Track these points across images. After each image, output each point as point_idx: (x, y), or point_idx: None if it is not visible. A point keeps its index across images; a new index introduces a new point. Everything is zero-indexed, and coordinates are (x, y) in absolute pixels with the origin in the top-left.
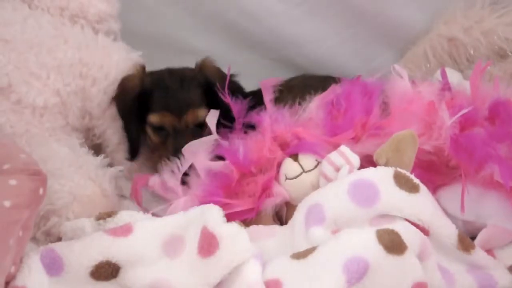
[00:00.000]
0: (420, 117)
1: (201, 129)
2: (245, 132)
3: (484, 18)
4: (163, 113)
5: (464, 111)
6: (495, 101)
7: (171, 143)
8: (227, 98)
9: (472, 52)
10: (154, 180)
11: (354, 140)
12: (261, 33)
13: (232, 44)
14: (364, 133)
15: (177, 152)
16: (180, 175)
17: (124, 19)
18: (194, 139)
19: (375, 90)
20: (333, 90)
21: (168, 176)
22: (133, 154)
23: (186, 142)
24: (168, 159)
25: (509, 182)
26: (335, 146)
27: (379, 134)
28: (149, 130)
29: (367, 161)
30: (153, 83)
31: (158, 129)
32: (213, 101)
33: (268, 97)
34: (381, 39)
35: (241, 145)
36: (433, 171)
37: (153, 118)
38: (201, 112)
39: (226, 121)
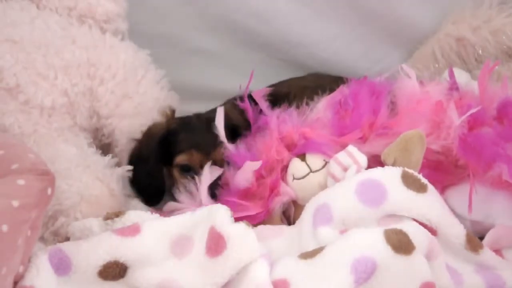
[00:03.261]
0: (428, 116)
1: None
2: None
3: (492, 18)
4: (190, 152)
5: (473, 110)
6: (503, 101)
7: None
8: (246, 104)
9: (480, 52)
10: (170, 207)
11: (362, 140)
12: (269, 33)
13: (239, 44)
14: (372, 133)
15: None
16: (199, 196)
17: (131, 19)
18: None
19: (382, 90)
20: (341, 91)
21: (184, 198)
22: (156, 199)
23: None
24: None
25: None
26: (343, 146)
27: (387, 134)
28: (176, 173)
29: (375, 161)
30: (179, 125)
31: (186, 170)
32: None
33: (263, 105)
34: (389, 39)
35: (249, 149)
36: (441, 171)
37: (180, 158)
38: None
39: None
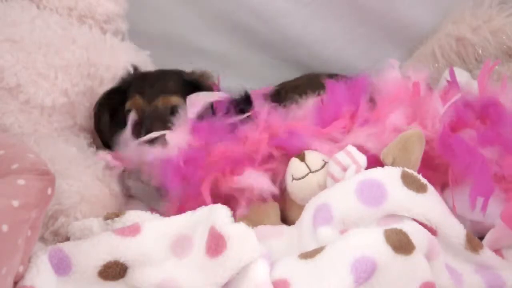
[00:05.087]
0: (406, 99)
1: (172, 115)
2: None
3: (492, 18)
4: (134, 97)
5: (456, 97)
6: (486, 101)
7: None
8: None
9: (480, 51)
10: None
11: (345, 130)
12: (269, 33)
13: (240, 44)
14: (354, 124)
15: (146, 133)
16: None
17: (131, 19)
18: (164, 124)
19: (358, 84)
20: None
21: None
22: (104, 144)
23: (154, 125)
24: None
25: (474, 201)
26: (327, 137)
27: (369, 123)
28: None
29: (361, 152)
30: (134, 75)
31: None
32: None
33: (261, 103)
34: (389, 39)
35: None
36: (428, 166)
37: (127, 105)
38: (173, 99)
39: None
